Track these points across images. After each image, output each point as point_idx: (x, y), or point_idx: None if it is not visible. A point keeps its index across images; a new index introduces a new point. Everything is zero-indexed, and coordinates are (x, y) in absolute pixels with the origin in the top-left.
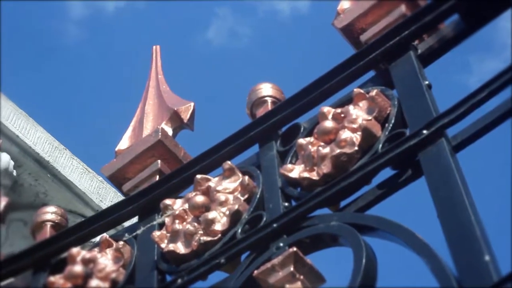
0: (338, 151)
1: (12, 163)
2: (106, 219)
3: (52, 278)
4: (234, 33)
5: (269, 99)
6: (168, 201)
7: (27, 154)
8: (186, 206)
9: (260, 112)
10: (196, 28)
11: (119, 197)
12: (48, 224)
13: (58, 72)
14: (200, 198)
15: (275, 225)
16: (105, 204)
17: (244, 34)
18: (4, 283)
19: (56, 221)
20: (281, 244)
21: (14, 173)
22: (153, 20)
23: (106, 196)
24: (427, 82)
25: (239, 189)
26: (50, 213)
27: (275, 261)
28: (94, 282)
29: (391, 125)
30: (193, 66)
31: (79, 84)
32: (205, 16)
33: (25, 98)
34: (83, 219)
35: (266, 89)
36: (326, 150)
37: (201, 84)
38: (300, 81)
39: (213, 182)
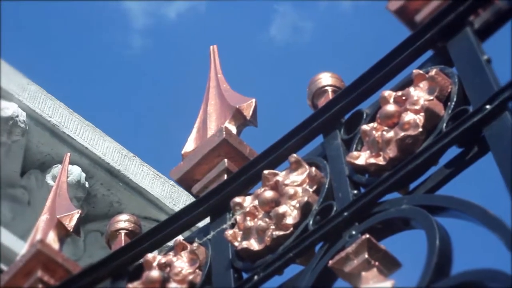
0: (402, 134)
1: (83, 175)
2: (179, 222)
3: (130, 286)
4: (296, 28)
5: (329, 88)
6: (238, 199)
7: (97, 165)
8: (256, 202)
9: (321, 102)
10: (258, 26)
11: (192, 199)
12: (122, 232)
13: (121, 82)
14: (269, 194)
15: (346, 213)
16: (178, 207)
17: (306, 28)
18: None
19: (130, 228)
20: (354, 232)
21: (87, 184)
22: (215, 22)
23: (179, 199)
24: (486, 57)
25: (307, 181)
26: (123, 221)
27: (349, 249)
28: (172, 285)
29: (453, 103)
30: (258, 64)
31: (143, 92)
32: (266, 14)
33: (91, 110)
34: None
35: (326, 79)
36: (391, 134)
37: (266, 80)
38: (364, 69)
39: (280, 176)
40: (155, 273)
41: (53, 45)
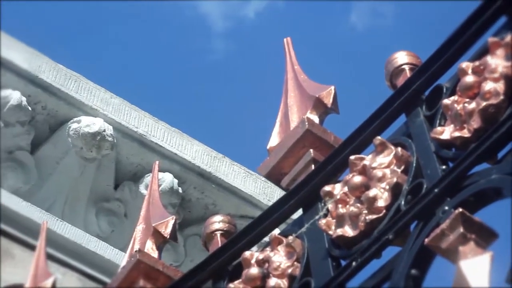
0: (484, 103)
1: (175, 181)
2: (272, 217)
3: (231, 285)
4: (377, 12)
5: (406, 67)
6: (327, 188)
7: (188, 169)
8: (346, 189)
9: (400, 81)
10: (338, 15)
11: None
12: (218, 233)
13: (205, 86)
14: (358, 179)
15: (436, 190)
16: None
17: (387, 11)
18: None
19: (225, 229)
20: (446, 208)
21: (180, 190)
22: (295, 17)
23: (273, 194)
24: None
25: (394, 161)
26: (217, 222)
27: (444, 225)
28: (272, 281)
29: None
30: (340, 52)
31: (226, 94)
32: (344, 3)
33: (176, 116)
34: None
35: (402, 58)
36: (472, 105)
37: (348, 68)
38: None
39: (367, 160)
40: (254, 270)
41: (134, 56)
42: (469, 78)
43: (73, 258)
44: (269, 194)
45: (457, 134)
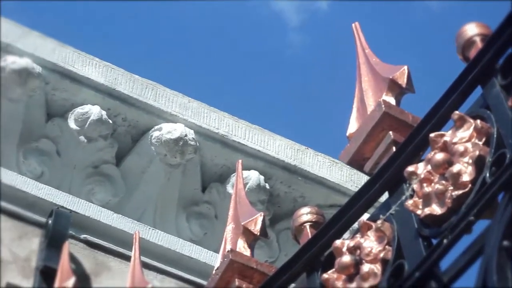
0: None
1: (262, 177)
2: (358, 203)
3: (326, 275)
4: None
5: (477, 38)
6: (411, 168)
7: (273, 164)
8: (429, 167)
9: (472, 53)
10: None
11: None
12: (307, 225)
13: (282, 82)
14: (440, 156)
15: None
16: None
17: None
18: None
19: (313, 220)
20: None
21: (267, 186)
22: (367, 3)
23: (360, 180)
24: None
25: (475, 134)
26: (305, 214)
27: None
28: (365, 267)
29: None
30: (415, 32)
31: (304, 87)
32: None
33: (256, 113)
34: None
35: (472, 29)
36: None
37: (422, 46)
38: None
39: (447, 136)
40: (346, 258)
41: (209, 59)
42: None
43: (169, 265)
44: (356, 180)
45: None
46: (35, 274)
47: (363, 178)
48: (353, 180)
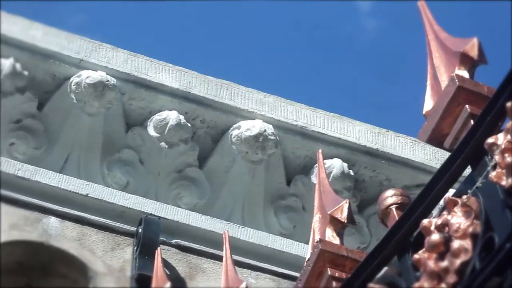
0: None
1: (345, 165)
2: (442, 180)
3: (416, 256)
4: None
5: None
6: (491, 140)
7: (355, 151)
8: (509, 137)
9: None
10: None
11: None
12: (393, 208)
13: (355, 67)
14: None
15: None
16: None
17: None
18: (378, 276)
19: (399, 201)
20: None
21: (351, 173)
22: None
23: (444, 157)
24: None
25: None
26: (390, 196)
27: None
28: (455, 243)
29: None
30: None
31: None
32: None
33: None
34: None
35: None
36: None
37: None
38: None
39: None
40: (435, 237)
41: (280, 51)
42: None
43: (262, 261)
44: (440, 158)
45: None
46: (131, 283)
47: (447, 155)
48: (437, 157)
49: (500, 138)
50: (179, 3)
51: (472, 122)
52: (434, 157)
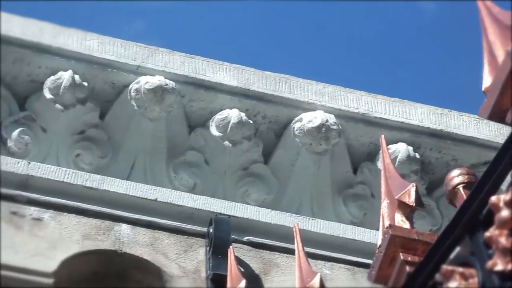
0: None
1: (410, 148)
2: (507, 155)
3: (488, 234)
4: None
5: None
6: None
7: (419, 133)
8: None
9: None
10: None
11: None
12: (460, 187)
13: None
14: None
15: None
16: None
17: None
18: (451, 257)
19: (466, 180)
20: None
21: (417, 155)
22: None
23: (509, 132)
24: None
25: None
26: (456, 176)
27: None
28: None
29: None
30: None
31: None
32: None
33: (392, 86)
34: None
35: None
36: None
37: None
38: None
39: None
40: (505, 213)
41: (338, 40)
42: None
43: (335, 251)
44: (505, 133)
45: None
46: (207, 284)
47: None
48: (502, 133)
49: None
50: (229, 2)
51: None
52: (500, 133)
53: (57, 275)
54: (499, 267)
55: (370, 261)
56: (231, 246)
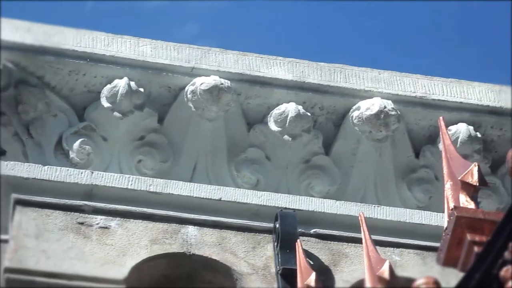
0: None
1: (471, 128)
2: None
3: None
4: None
5: None
6: None
7: (478, 112)
8: None
9: None
10: None
11: None
12: None
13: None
14: None
15: None
16: None
17: None
18: None
19: None
20: None
21: (478, 135)
22: None
23: None
24: None
25: None
26: None
27: None
28: None
29: None
30: None
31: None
32: None
33: (449, 67)
34: None
35: None
36: None
37: None
38: None
39: None
40: None
41: (386, 24)
42: None
43: (403, 237)
44: None
45: None
46: (277, 279)
47: None
48: None
49: None
50: None
51: None
52: None
53: (128, 281)
54: None
55: (439, 245)
56: (298, 240)
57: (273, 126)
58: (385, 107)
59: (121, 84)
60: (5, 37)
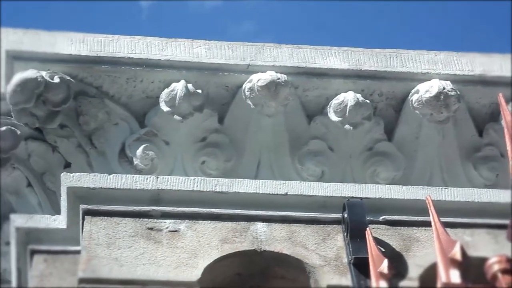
0: None
1: None
2: None
3: None
4: None
5: None
6: None
7: None
8: None
9: None
10: None
11: None
12: None
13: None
14: None
15: None
16: None
17: None
18: None
19: None
20: None
21: None
22: None
23: None
24: None
25: None
26: None
27: None
28: None
29: None
30: None
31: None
32: None
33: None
34: None
35: None
36: None
37: None
38: None
39: None
40: None
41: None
42: None
43: (473, 216)
44: None
45: None
46: (350, 269)
47: None
48: None
49: None
50: None
51: None
52: None
53: (202, 282)
54: None
55: (509, 222)
56: (368, 228)
57: (333, 117)
58: (444, 88)
59: (178, 87)
60: (60, 50)
